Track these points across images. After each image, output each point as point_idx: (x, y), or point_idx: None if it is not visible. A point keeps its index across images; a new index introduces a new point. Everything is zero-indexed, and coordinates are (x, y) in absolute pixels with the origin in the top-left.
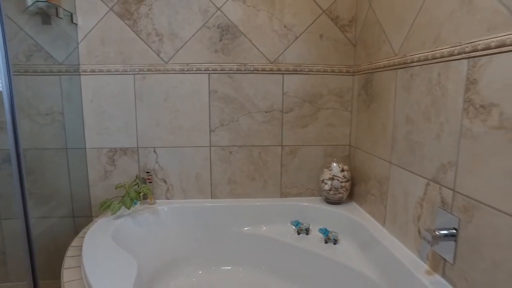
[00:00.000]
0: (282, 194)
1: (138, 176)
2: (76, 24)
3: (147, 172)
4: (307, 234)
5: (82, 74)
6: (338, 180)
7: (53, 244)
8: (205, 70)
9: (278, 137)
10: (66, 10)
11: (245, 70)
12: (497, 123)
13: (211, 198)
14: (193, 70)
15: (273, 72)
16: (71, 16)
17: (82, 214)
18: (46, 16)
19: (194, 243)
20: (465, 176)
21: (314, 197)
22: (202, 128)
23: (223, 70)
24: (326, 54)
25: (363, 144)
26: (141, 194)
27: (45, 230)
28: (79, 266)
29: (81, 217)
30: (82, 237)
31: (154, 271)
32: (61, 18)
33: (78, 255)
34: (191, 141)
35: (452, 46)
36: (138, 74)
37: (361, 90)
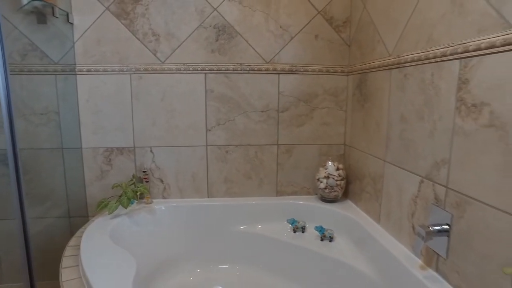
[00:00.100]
0: (278, 193)
1: (134, 175)
2: (72, 23)
3: (144, 171)
4: (303, 232)
5: (78, 73)
6: (334, 178)
7: (49, 244)
8: (201, 70)
9: (274, 136)
10: (62, 10)
11: (241, 70)
12: (487, 122)
13: (208, 197)
14: (189, 70)
15: (269, 72)
16: (67, 15)
17: (78, 214)
18: (41, 15)
19: (191, 242)
20: (457, 173)
21: (310, 195)
22: (199, 127)
23: (220, 70)
24: (321, 54)
25: (358, 143)
26: (138, 193)
27: (41, 231)
28: (77, 265)
29: (77, 217)
30: (79, 236)
31: (152, 270)
32: (57, 17)
33: (76, 255)
34: (188, 140)
35: (444, 47)
36: (134, 73)
37: (355, 90)
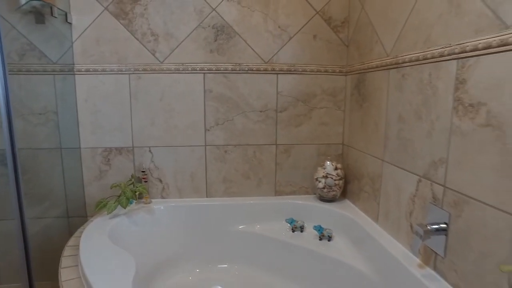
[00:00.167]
0: (277, 193)
1: (133, 175)
2: (70, 23)
3: (143, 171)
4: (302, 231)
5: (76, 73)
6: (332, 178)
7: (47, 244)
8: (200, 70)
9: (272, 136)
10: (60, 9)
11: (240, 70)
12: (484, 121)
13: (207, 197)
14: (188, 70)
15: (267, 72)
16: (66, 15)
17: (77, 214)
18: (39, 15)
19: (190, 242)
20: (455, 172)
21: (308, 195)
22: (197, 127)
23: (218, 70)
24: (320, 55)
25: (356, 142)
26: (137, 193)
27: (39, 231)
28: (77, 265)
29: (75, 217)
30: (78, 236)
31: (151, 270)
32: (55, 17)
33: (75, 255)
34: (186, 140)
35: (442, 47)
36: (133, 73)
37: (353, 90)
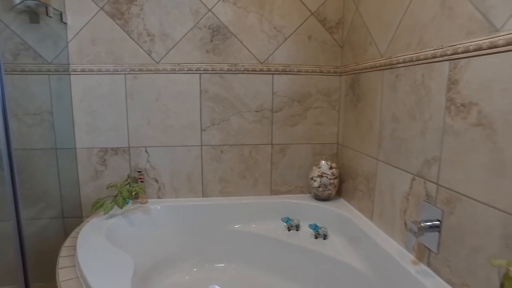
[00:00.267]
0: (272, 192)
1: (129, 175)
2: (65, 23)
3: (139, 171)
4: (298, 230)
5: (72, 73)
6: (327, 177)
7: (42, 245)
8: (196, 70)
9: (268, 136)
10: (55, 9)
11: (235, 70)
12: (475, 121)
13: (203, 196)
14: (184, 70)
15: (263, 72)
16: (61, 15)
17: (72, 215)
18: (34, 14)
19: (187, 241)
20: (447, 170)
21: (304, 194)
22: (194, 127)
23: (214, 70)
24: (314, 55)
25: (351, 142)
26: (133, 193)
27: (34, 232)
28: (74, 266)
29: (71, 217)
30: (75, 237)
31: (148, 270)
32: (50, 17)
33: (72, 255)
34: (183, 140)
35: (434, 49)
36: (129, 74)
37: (348, 90)
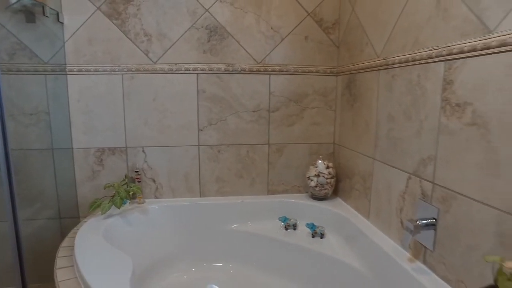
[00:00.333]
0: (269, 191)
1: (127, 175)
2: (62, 23)
3: (136, 171)
4: (295, 229)
5: (68, 73)
6: (324, 176)
7: (39, 246)
8: (193, 70)
9: (265, 135)
10: (52, 9)
11: (232, 71)
12: (470, 120)
13: (200, 196)
14: (181, 70)
15: (260, 72)
16: (57, 14)
17: (69, 215)
18: (30, 14)
19: (184, 241)
20: (443, 169)
21: (300, 193)
22: (191, 127)
23: (211, 70)
24: (311, 55)
25: (347, 141)
26: (130, 193)
27: (31, 232)
28: (72, 266)
29: (67, 218)
30: (72, 237)
31: (146, 270)
32: (47, 16)
33: (70, 255)
34: (180, 140)
35: (430, 50)
36: (126, 74)
37: (344, 90)
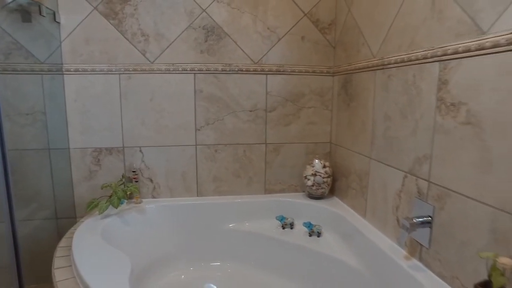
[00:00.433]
0: (266, 191)
1: (124, 175)
2: (59, 22)
3: (133, 171)
4: (292, 228)
5: (65, 73)
6: (321, 176)
7: (36, 247)
8: (190, 70)
9: (262, 135)
10: (48, 8)
11: (230, 71)
12: (464, 119)
13: (197, 196)
14: (178, 70)
15: (257, 72)
16: (54, 14)
17: (66, 216)
18: (26, 13)
19: (182, 240)
20: (438, 167)
21: (297, 192)
22: (188, 127)
23: (209, 70)
24: (308, 55)
25: (344, 141)
26: (128, 193)
27: (27, 233)
28: (70, 266)
29: (64, 218)
30: (70, 237)
31: (144, 269)
32: (43, 16)
33: (68, 255)
34: (177, 140)
35: (425, 50)
36: (123, 74)
37: (341, 90)
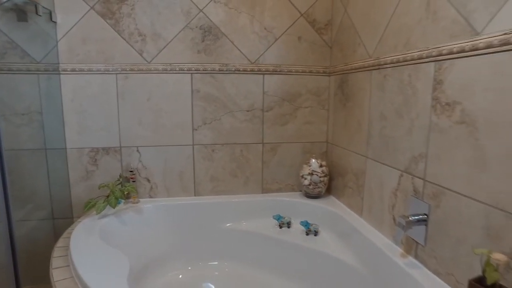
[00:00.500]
0: (263, 190)
1: (121, 175)
2: (55, 22)
3: (131, 171)
4: (289, 227)
5: (62, 73)
6: (317, 175)
7: (33, 247)
8: (187, 70)
9: (259, 135)
10: (44, 8)
11: (227, 70)
12: (459, 119)
13: (195, 195)
14: (176, 70)
15: (254, 72)
16: (50, 13)
17: (62, 216)
18: (22, 12)
19: (180, 240)
20: (434, 166)
21: (294, 192)
22: (185, 127)
23: (206, 70)
24: (304, 55)
25: (340, 140)
26: (125, 193)
27: (24, 233)
28: (68, 266)
29: (61, 218)
30: (67, 237)
31: (141, 269)
32: (40, 15)
33: (65, 255)
34: (174, 139)
35: (420, 50)
36: (120, 73)
37: (337, 90)
